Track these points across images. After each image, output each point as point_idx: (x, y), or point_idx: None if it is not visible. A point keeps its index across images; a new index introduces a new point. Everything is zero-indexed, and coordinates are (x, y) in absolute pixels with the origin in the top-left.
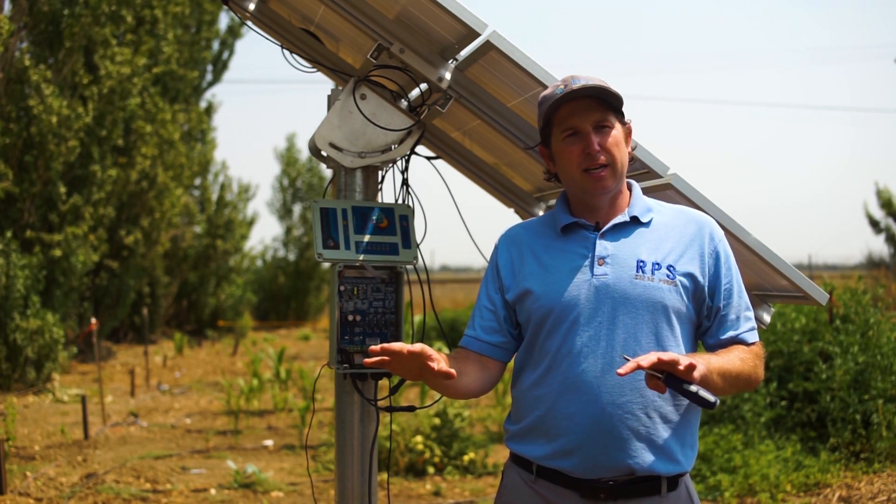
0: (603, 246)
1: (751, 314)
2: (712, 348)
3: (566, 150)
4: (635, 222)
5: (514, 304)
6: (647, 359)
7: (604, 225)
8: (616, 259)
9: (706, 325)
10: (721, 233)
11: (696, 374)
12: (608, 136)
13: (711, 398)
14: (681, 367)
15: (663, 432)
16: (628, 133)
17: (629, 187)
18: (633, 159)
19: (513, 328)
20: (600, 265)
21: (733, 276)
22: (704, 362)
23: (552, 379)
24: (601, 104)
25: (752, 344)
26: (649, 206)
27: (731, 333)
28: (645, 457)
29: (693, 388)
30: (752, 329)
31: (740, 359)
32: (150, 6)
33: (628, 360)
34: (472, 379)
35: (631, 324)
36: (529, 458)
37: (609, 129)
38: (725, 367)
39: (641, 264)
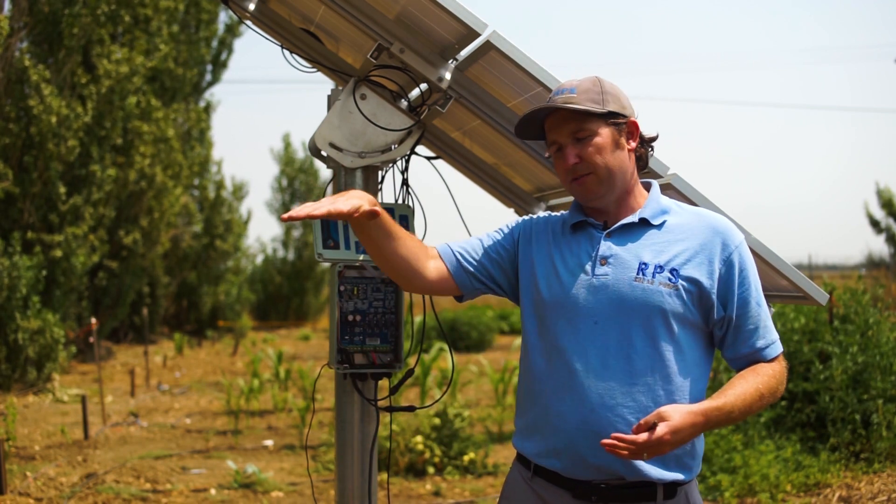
0: (607, 246)
1: (771, 325)
2: (732, 363)
3: (556, 163)
4: (645, 224)
5: (518, 279)
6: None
7: (612, 225)
8: (618, 260)
9: (719, 335)
10: (739, 239)
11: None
12: (587, 145)
13: None
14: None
15: None
16: (629, 131)
17: (647, 187)
18: (640, 157)
19: (484, 271)
20: (602, 265)
21: (750, 284)
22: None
23: (548, 376)
24: (576, 113)
25: (774, 359)
26: (665, 209)
27: (749, 349)
28: (636, 461)
29: None
30: (773, 343)
31: (757, 389)
32: (142, 4)
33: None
34: (410, 251)
35: (626, 325)
36: (527, 455)
37: (589, 138)
38: (736, 405)
39: (643, 266)
